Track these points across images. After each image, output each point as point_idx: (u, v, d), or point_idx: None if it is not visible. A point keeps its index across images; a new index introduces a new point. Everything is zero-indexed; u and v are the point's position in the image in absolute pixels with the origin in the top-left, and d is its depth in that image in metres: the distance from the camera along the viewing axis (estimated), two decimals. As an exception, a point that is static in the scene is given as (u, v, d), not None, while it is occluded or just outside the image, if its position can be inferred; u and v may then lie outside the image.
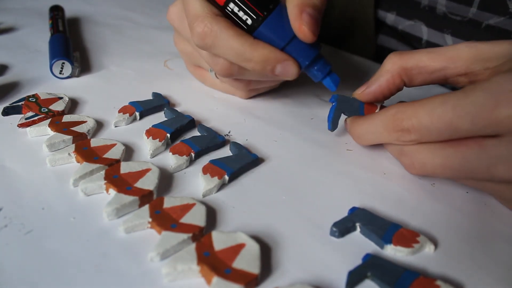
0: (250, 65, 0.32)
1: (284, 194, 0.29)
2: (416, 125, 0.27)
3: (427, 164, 0.28)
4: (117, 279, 0.23)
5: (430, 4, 0.45)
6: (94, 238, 0.25)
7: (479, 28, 0.42)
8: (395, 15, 0.49)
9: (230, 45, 0.32)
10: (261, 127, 0.36)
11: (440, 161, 0.27)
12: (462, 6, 0.42)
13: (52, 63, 0.40)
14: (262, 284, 0.23)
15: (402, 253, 0.25)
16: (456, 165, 0.27)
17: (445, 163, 0.27)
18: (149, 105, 0.37)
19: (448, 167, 0.27)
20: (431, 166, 0.28)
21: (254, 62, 0.32)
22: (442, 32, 0.45)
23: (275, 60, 0.32)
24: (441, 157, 0.27)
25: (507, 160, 0.25)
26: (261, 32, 0.32)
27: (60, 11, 0.52)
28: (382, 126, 0.30)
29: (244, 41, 0.32)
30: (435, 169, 0.28)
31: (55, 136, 0.32)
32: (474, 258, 0.26)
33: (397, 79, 0.31)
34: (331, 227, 0.27)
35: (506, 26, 0.40)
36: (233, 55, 0.32)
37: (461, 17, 0.43)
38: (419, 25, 0.47)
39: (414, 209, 0.29)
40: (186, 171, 0.31)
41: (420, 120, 0.27)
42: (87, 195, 0.28)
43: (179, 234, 0.25)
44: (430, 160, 0.28)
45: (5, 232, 0.25)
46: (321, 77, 0.34)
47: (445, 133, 0.26)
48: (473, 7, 0.41)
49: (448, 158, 0.27)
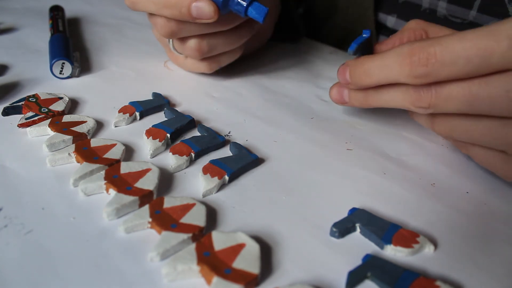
0: (168, 12, 0.34)
1: (284, 194, 0.29)
2: (439, 51, 0.25)
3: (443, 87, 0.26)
4: (117, 279, 0.23)
5: (431, 7, 0.45)
6: (94, 238, 0.25)
7: None
8: (396, 18, 0.49)
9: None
10: (261, 127, 0.36)
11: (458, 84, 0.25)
12: (463, 9, 0.42)
13: (52, 63, 0.40)
14: (262, 284, 0.23)
15: (402, 253, 0.25)
16: (475, 89, 0.25)
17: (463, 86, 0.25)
18: (149, 105, 0.37)
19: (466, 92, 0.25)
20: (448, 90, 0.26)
21: (170, 8, 0.34)
22: None
23: (187, 1, 0.33)
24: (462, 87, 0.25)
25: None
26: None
27: (60, 11, 0.52)
28: (394, 57, 0.27)
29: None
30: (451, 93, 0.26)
31: (55, 136, 0.32)
32: (474, 258, 0.26)
33: (419, 36, 0.31)
34: (331, 228, 0.27)
35: None
36: (152, 6, 0.34)
37: (462, 20, 0.43)
38: None
39: (414, 209, 0.29)
40: (186, 171, 0.31)
41: (446, 46, 0.25)
42: (87, 195, 0.28)
43: (179, 234, 0.25)
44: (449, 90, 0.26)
45: (5, 232, 0.25)
46: (243, 10, 0.33)
47: (473, 62, 0.24)
48: (473, 10, 0.41)
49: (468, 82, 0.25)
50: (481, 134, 0.27)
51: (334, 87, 0.34)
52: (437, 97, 0.26)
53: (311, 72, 0.31)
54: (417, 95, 0.27)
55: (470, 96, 0.25)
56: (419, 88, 0.27)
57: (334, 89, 0.34)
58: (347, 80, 0.32)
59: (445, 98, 0.26)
